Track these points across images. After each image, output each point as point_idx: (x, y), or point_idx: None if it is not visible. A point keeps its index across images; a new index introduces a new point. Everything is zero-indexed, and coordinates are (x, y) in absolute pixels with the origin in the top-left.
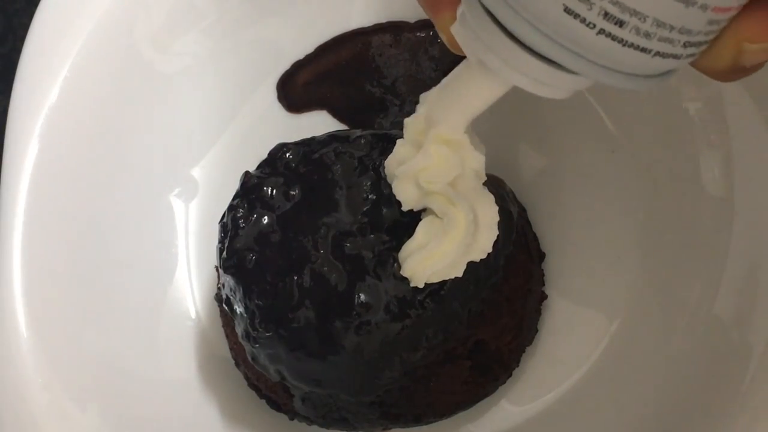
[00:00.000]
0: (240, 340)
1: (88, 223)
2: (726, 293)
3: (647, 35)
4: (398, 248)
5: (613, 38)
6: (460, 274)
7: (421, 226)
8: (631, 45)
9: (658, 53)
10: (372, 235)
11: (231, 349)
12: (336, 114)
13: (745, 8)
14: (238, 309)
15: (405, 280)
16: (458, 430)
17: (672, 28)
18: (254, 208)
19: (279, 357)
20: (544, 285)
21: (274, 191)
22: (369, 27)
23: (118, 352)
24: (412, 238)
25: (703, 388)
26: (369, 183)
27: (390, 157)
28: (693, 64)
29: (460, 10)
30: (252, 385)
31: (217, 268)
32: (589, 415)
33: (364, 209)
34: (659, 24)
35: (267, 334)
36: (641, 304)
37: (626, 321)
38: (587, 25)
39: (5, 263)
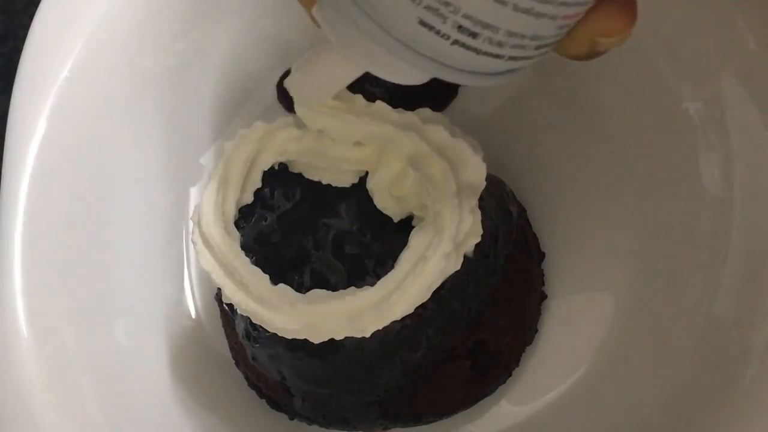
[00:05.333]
0: (240, 339)
1: (89, 223)
2: (726, 293)
3: (500, 44)
4: (398, 247)
5: (468, 47)
6: (458, 267)
7: (413, 236)
8: (485, 53)
9: (511, 57)
10: (372, 235)
11: (231, 349)
12: None
13: (594, 6)
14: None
15: None
16: (458, 430)
17: (523, 36)
18: (254, 208)
19: (279, 357)
20: (544, 285)
21: (275, 191)
22: None
23: (118, 352)
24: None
25: (703, 388)
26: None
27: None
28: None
29: None
30: (252, 385)
31: None
32: (589, 415)
33: (364, 209)
34: (511, 34)
35: (267, 334)
36: (641, 303)
37: (626, 321)
38: (442, 37)
39: (5, 263)
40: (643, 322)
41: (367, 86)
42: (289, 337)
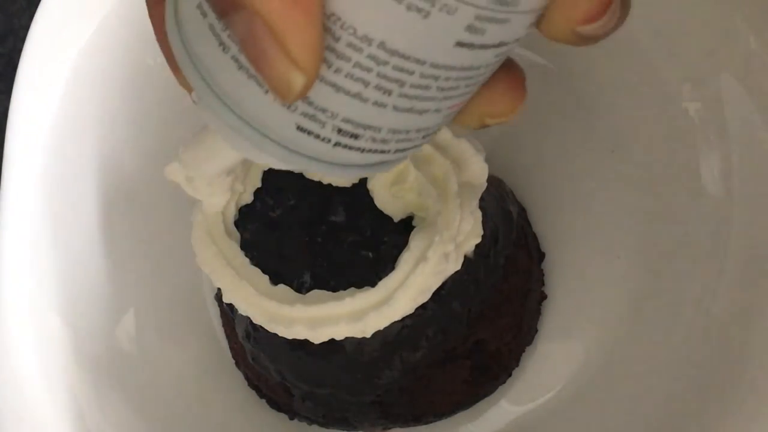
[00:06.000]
0: (240, 340)
1: (90, 224)
2: (726, 293)
3: (384, 141)
4: (398, 247)
5: (351, 148)
6: (458, 267)
7: (413, 237)
8: (370, 150)
9: (398, 150)
10: (372, 235)
11: (231, 348)
12: None
13: (484, 85)
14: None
15: None
16: (458, 430)
17: (408, 131)
18: (254, 208)
19: (280, 357)
20: (544, 285)
21: (275, 191)
22: None
23: (119, 352)
24: (408, 252)
25: (703, 388)
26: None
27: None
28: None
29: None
30: (252, 385)
31: None
32: (589, 415)
33: (365, 209)
34: (394, 131)
35: (267, 334)
36: (641, 304)
37: (626, 321)
38: (322, 140)
39: (5, 262)
40: (643, 322)
41: None
42: (289, 337)
